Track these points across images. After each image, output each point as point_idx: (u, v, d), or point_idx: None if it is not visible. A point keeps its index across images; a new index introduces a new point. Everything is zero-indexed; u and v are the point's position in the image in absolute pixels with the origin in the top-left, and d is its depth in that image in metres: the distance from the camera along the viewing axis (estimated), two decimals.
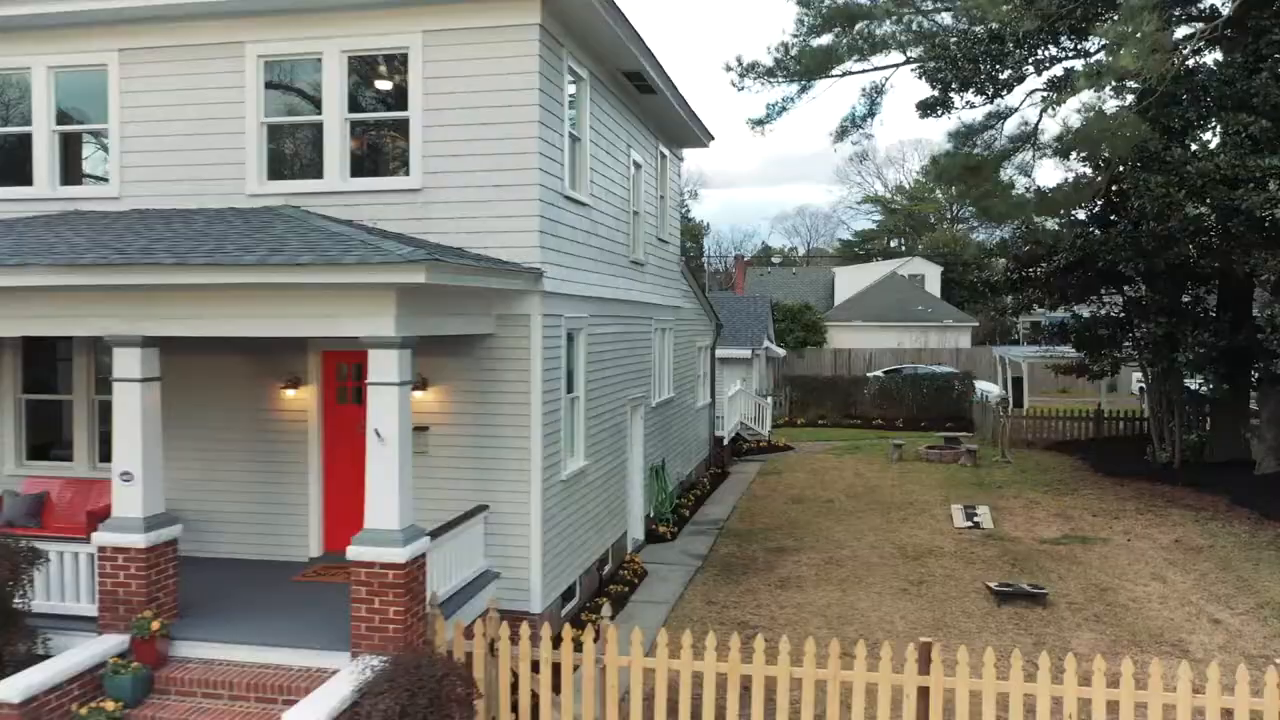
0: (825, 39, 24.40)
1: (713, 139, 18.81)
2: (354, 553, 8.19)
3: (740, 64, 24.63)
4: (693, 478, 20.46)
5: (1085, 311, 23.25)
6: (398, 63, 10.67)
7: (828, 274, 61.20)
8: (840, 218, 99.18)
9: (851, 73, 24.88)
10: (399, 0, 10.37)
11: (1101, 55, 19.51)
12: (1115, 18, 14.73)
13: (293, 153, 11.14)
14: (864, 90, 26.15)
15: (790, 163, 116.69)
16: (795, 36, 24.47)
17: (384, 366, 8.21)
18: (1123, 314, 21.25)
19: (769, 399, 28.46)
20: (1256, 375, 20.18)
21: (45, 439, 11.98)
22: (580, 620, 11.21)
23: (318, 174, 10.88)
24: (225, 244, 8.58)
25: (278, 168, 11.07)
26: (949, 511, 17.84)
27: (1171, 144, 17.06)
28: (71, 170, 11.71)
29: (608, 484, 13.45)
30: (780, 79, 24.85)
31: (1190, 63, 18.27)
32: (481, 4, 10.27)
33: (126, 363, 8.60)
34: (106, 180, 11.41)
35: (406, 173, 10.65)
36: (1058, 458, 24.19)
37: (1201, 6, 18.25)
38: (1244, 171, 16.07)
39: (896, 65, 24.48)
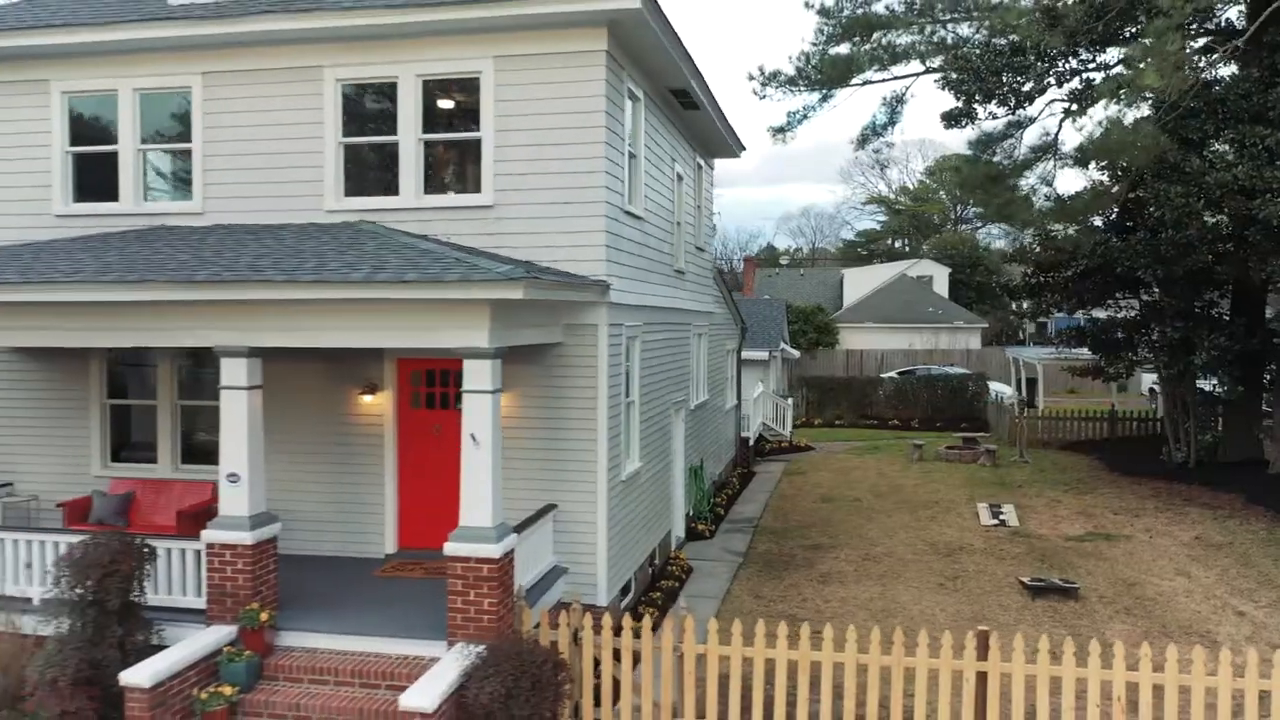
0: (844, 48, 25.09)
1: (744, 149, 19.42)
2: (451, 549, 8.80)
3: (763, 73, 25.29)
4: (723, 477, 21.09)
5: (1100, 315, 23.91)
6: (470, 86, 11.28)
7: (836, 275, 61.83)
8: (844, 218, 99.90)
9: (871, 82, 25.55)
10: (472, 28, 10.98)
11: (1120, 69, 20.18)
12: (1141, 38, 15.36)
13: (368, 171, 11.75)
14: (884, 99, 26.82)
15: (791, 161, 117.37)
16: (815, 45, 25.11)
17: (478, 375, 8.84)
18: (1138, 318, 21.86)
19: (789, 400, 29.06)
20: (1268, 377, 20.80)
21: (125, 442, 12.60)
22: (638, 613, 11.82)
23: (393, 191, 11.50)
24: (325, 260, 9.21)
25: (354, 185, 11.68)
26: (975, 510, 18.46)
27: (1189, 155, 17.69)
28: (155, 186, 12.32)
29: (656, 484, 14.08)
30: (802, 88, 25.49)
31: (1205, 75, 18.90)
32: (552, 31, 10.87)
33: (234, 372, 9.22)
34: (190, 197, 12.03)
35: (479, 190, 11.26)
36: (1074, 457, 24.82)
37: (1219, 21, 18.86)
38: (1261, 182, 16.69)
39: (916, 75, 25.16)
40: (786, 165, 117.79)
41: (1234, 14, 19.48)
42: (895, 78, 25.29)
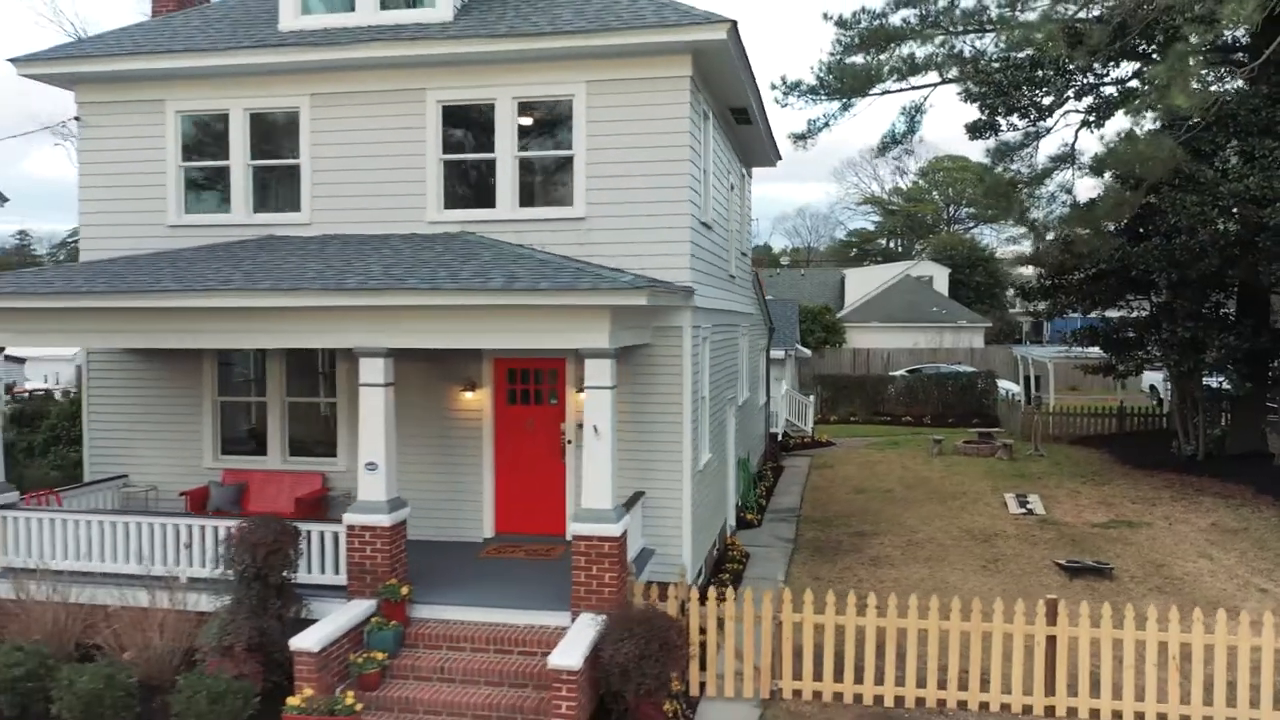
0: (861, 59, 26.18)
1: (780, 158, 20.48)
2: (575, 528, 9.80)
3: (785, 82, 26.39)
4: (758, 470, 22.14)
5: (1111, 316, 25.07)
6: (563, 107, 12.27)
7: (836, 275, 62.96)
8: (838, 218, 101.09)
9: (890, 91, 26.66)
10: (566, 55, 11.97)
11: (1135, 82, 21.33)
12: (1161, 58, 16.52)
13: (466, 185, 12.72)
14: (903, 109, 27.91)
15: (786, 161, 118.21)
16: (833, 55, 26.21)
17: (599, 373, 9.84)
18: (1150, 318, 23.01)
19: (810, 397, 30.16)
20: (1273, 375, 22.00)
21: (233, 436, 13.54)
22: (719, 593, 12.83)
23: (489, 204, 12.48)
24: (455, 270, 10.19)
25: (453, 198, 12.66)
26: (1001, 499, 19.57)
27: (1202, 166, 18.84)
28: (265, 198, 13.25)
29: (718, 475, 15.11)
30: (823, 97, 26.59)
31: (1214, 87, 20.06)
32: (641, 59, 11.87)
33: (372, 370, 10.19)
34: (298, 209, 12.97)
35: (571, 203, 12.25)
36: (1085, 451, 25.99)
37: (1232, 40, 20.01)
38: (1271, 192, 17.84)
39: (934, 85, 26.27)
40: (781, 165, 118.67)
41: (1242, 33, 20.63)
42: (913, 87, 26.40)
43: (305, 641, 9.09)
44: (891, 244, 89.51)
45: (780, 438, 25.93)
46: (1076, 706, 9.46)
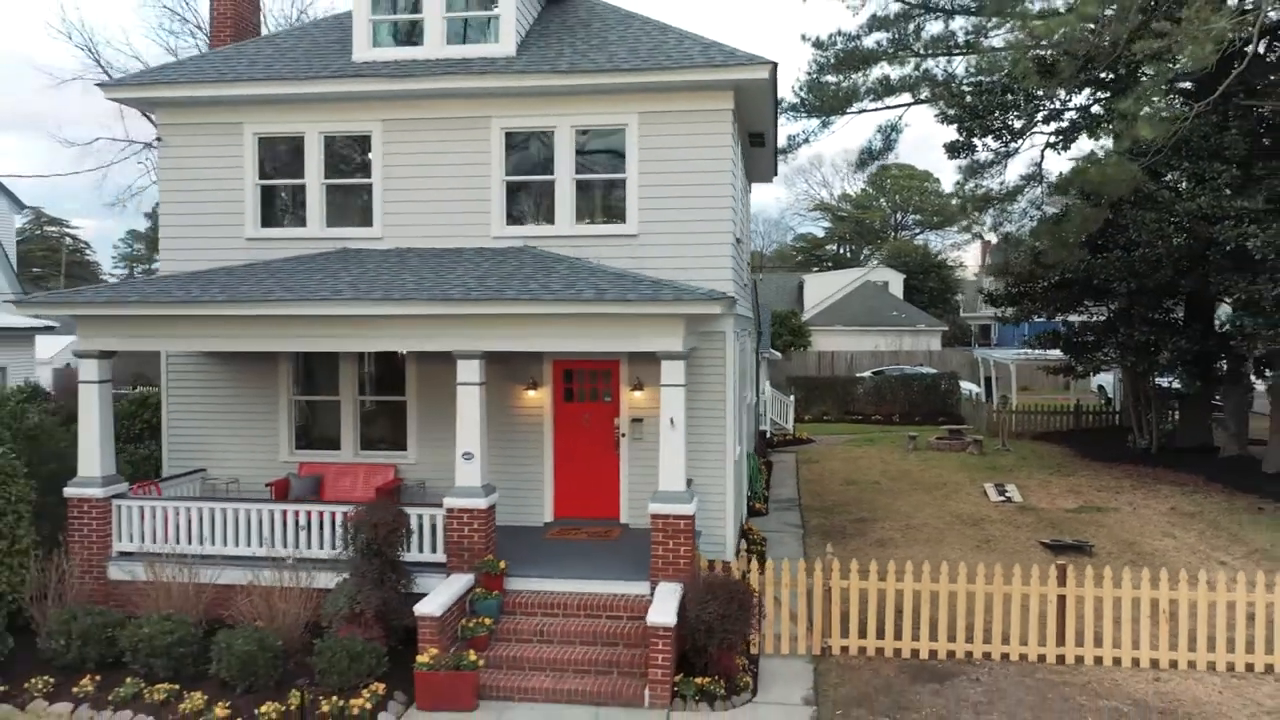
0: (837, 78, 27.99)
1: (776, 174, 22.11)
2: (654, 508, 11.23)
3: None
4: (754, 465, 23.70)
5: (1064, 320, 27.14)
6: (617, 134, 13.69)
7: (795, 280, 64.94)
8: (789, 223, 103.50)
9: (867, 110, 28.53)
10: (621, 89, 13.40)
11: (1097, 108, 23.35)
12: (1127, 91, 18.46)
13: (527, 203, 14.08)
14: (879, 127, 29.82)
15: None
16: (810, 75, 27.98)
17: (673, 372, 11.29)
18: (1108, 323, 25.07)
19: (791, 397, 31.87)
20: (1219, 374, 24.18)
21: (306, 432, 14.70)
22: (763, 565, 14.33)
23: (548, 220, 13.86)
24: (544, 282, 11.56)
25: (514, 215, 14.01)
26: (981, 489, 21.39)
27: (1160, 187, 20.86)
28: (337, 214, 14.43)
29: (741, 465, 16.62)
30: (804, 114, 28.33)
31: (1164, 114, 22.09)
32: (688, 94, 13.34)
33: (468, 371, 11.50)
34: (370, 224, 14.19)
35: (624, 221, 13.67)
36: (1048, 446, 28.05)
37: (1191, 76, 22.09)
38: (1219, 211, 19.89)
39: (908, 105, 28.19)
40: None
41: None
42: (889, 107, 28.34)
43: (428, 607, 10.39)
44: (841, 250, 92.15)
45: (767, 435, 27.53)
46: (1083, 655, 11.15)
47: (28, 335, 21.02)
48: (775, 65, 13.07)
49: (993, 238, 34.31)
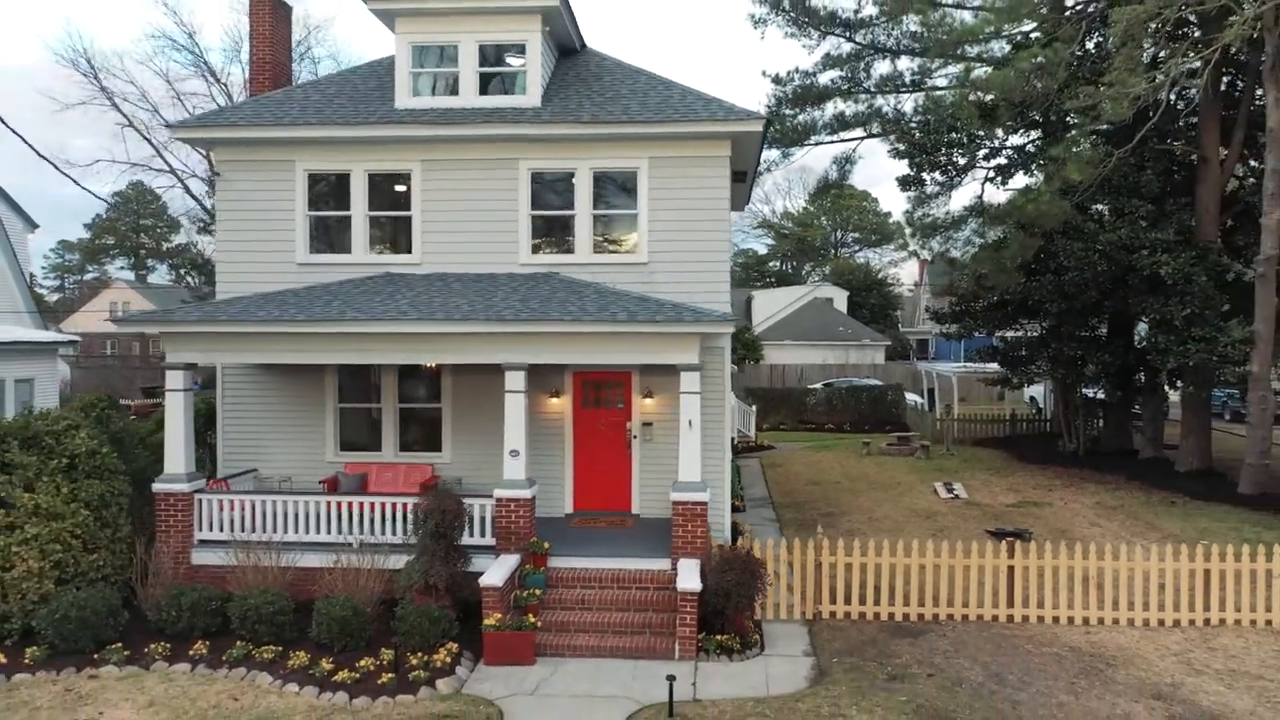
0: (793, 111, 30.56)
1: (748, 203, 24.42)
2: (675, 496, 13.32)
3: None
4: None
5: (1001, 336, 29.94)
6: (629, 176, 15.78)
7: (744, 295, 67.62)
8: (734, 241, 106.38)
9: (823, 142, 31.14)
10: (634, 138, 15.50)
11: (1030, 147, 26.15)
12: (1056, 133, 21.19)
13: (549, 234, 16.09)
14: (835, 159, 32.43)
15: None
16: (770, 109, 30.46)
17: (690, 381, 13.40)
18: (1040, 339, 27.87)
19: (753, 406, 34.20)
20: (1138, 385, 27.10)
21: (348, 435, 16.49)
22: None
23: (568, 250, 15.89)
24: (583, 304, 13.60)
25: (539, 244, 16.02)
26: (931, 488, 23.86)
27: (1086, 219, 23.65)
28: (378, 241, 16.29)
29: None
30: (767, 145, 30.80)
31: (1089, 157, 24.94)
32: (692, 143, 15.50)
33: (515, 380, 13.47)
34: (410, 251, 16.07)
35: (635, 251, 15.77)
36: (987, 451, 30.76)
37: (1113, 123, 24.96)
38: (1137, 241, 22.69)
39: (861, 138, 30.87)
40: None
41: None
42: (843, 140, 30.98)
43: (492, 579, 12.33)
44: (784, 266, 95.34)
45: (734, 441, 29.79)
46: (1028, 615, 13.51)
47: (51, 349, 22.35)
48: (769, 121, 15.33)
49: (927, 255, 37.29)
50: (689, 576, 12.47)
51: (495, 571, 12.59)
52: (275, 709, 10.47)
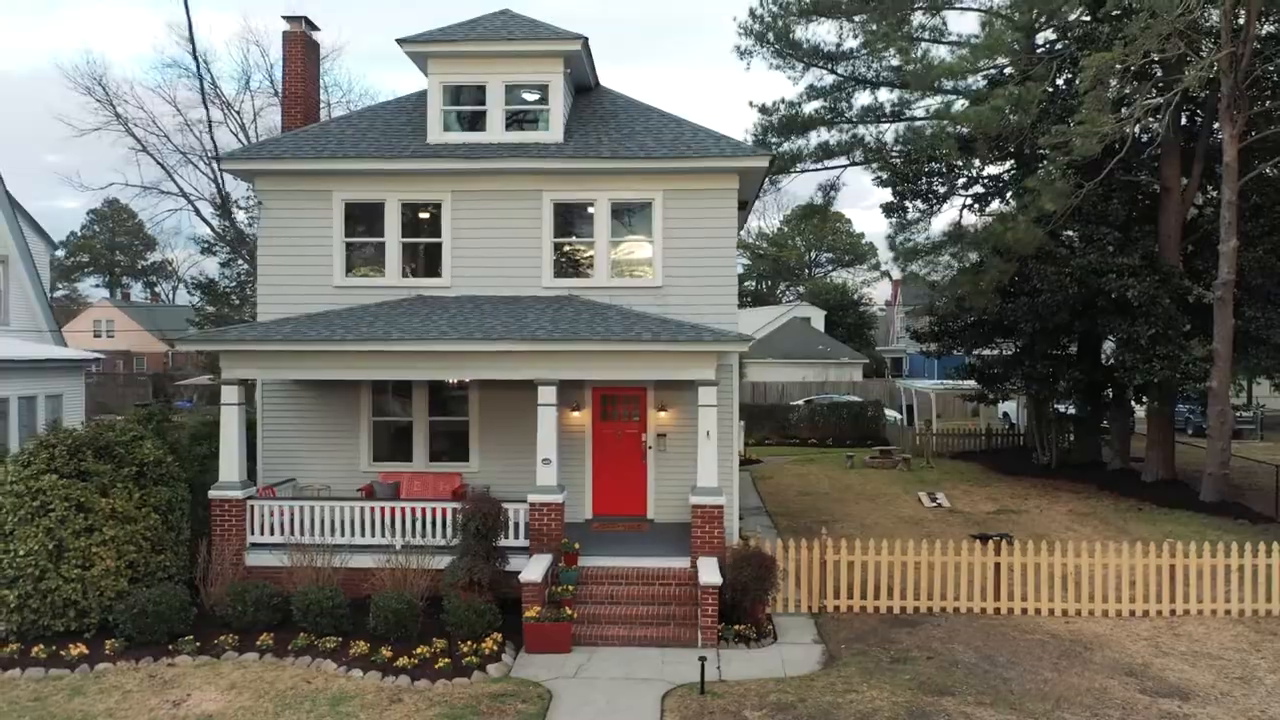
0: (778, 139, 32.06)
1: (742, 228, 25.82)
2: (694, 500, 14.59)
3: None
4: None
5: (978, 355, 31.56)
6: (645, 206, 17.11)
7: None
8: None
9: (809, 170, 32.66)
10: (650, 172, 16.85)
11: (1006, 176, 27.82)
12: (1030, 166, 22.83)
13: (570, 260, 17.38)
14: (819, 185, 33.95)
15: None
16: (756, 138, 31.96)
17: (707, 395, 14.70)
18: (1014, 357, 29.49)
19: (741, 421, 35.52)
20: (1107, 401, 28.76)
21: (381, 446, 17.63)
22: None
23: (587, 274, 17.19)
24: (610, 325, 14.89)
25: (559, 269, 17.30)
26: (916, 498, 25.30)
27: (1059, 245, 25.30)
28: (410, 266, 17.50)
29: None
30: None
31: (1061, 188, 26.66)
32: (703, 177, 16.87)
33: (547, 395, 14.70)
34: (439, 275, 17.29)
35: (650, 276, 17.09)
36: (965, 463, 32.30)
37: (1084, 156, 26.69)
38: (1105, 266, 24.34)
39: (845, 166, 32.42)
40: None
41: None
42: (827, 167, 32.52)
43: (531, 575, 13.54)
44: (760, 285, 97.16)
45: None
46: (1013, 607, 14.92)
47: (78, 367, 23.27)
48: (773, 156, 16.74)
49: (907, 276, 38.94)
50: (710, 572, 13.75)
51: (533, 568, 13.79)
52: (347, 690, 11.62)
